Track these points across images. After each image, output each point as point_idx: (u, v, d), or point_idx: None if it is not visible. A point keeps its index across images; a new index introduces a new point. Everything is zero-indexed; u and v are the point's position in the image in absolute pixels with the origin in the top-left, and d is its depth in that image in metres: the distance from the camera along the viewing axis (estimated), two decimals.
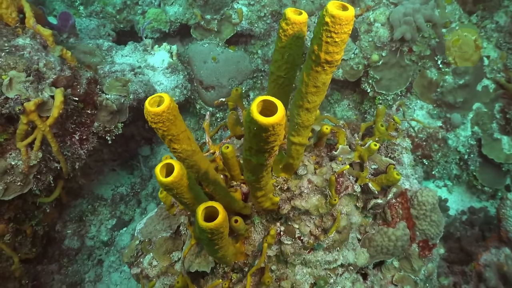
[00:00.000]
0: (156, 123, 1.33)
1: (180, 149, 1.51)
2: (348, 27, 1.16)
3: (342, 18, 1.12)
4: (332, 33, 1.16)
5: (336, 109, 3.59)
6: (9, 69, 2.44)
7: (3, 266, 2.91)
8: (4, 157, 2.54)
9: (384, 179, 2.01)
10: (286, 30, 1.44)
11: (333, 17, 1.12)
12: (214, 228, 1.34)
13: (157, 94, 1.35)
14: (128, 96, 3.01)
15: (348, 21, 1.14)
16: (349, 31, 1.18)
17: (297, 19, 1.42)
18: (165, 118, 1.34)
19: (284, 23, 1.43)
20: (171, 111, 1.33)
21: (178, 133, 1.44)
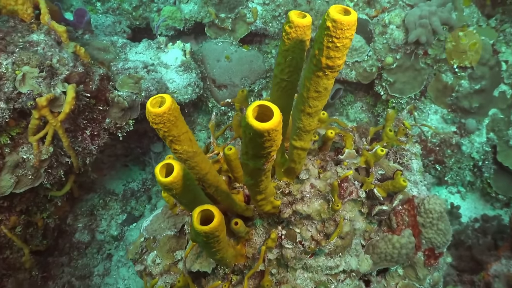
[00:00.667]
0: (157, 123, 1.34)
1: (181, 150, 1.51)
2: (350, 32, 1.14)
3: (344, 22, 1.09)
4: (333, 38, 1.14)
5: (349, 111, 3.55)
6: (23, 64, 2.48)
7: (14, 257, 2.97)
8: (16, 151, 2.58)
9: (390, 185, 1.98)
10: (289, 33, 1.42)
11: (334, 22, 1.10)
12: (209, 231, 1.34)
13: (159, 95, 1.35)
14: (140, 93, 3.03)
15: (350, 26, 1.12)
16: (351, 36, 1.16)
17: (300, 23, 1.39)
18: (166, 119, 1.34)
19: (287, 26, 1.41)
20: (172, 112, 1.33)
21: (179, 134, 1.44)
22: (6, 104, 2.40)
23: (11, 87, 2.43)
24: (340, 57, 1.21)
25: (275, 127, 1.13)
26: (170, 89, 3.24)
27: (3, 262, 2.90)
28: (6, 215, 2.84)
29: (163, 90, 3.16)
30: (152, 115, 1.31)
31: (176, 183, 1.37)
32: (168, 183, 1.36)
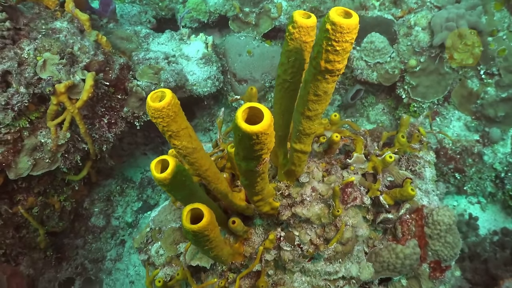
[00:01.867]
0: (156, 118, 1.34)
1: (180, 146, 1.51)
2: (350, 36, 1.10)
3: (343, 26, 1.06)
4: (332, 41, 1.11)
5: (369, 113, 3.48)
6: (44, 51, 2.54)
7: (30, 236, 3.06)
8: (35, 134, 2.65)
9: (398, 193, 1.93)
10: (293, 34, 1.39)
11: (333, 24, 1.07)
12: (197, 230, 1.34)
13: (160, 90, 1.35)
14: (159, 84, 3.06)
15: (350, 29, 1.08)
16: (351, 40, 1.12)
17: (304, 23, 1.36)
18: (164, 114, 1.34)
19: (291, 26, 1.38)
20: (172, 107, 1.33)
21: (178, 130, 1.44)
22: (26, 89, 2.46)
23: (32, 73, 2.49)
24: (340, 61, 1.18)
25: (264, 131, 1.11)
26: (190, 81, 3.25)
27: (19, 240, 3.00)
28: (24, 195, 2.92)
29: (183, 82, 3.18)
30: (152, 109, 1.31)
31: (170, 179, 1.37)
32: (162, 179, 1.36)
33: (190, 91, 3.30)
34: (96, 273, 3.34)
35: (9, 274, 2.49)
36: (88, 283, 3.29)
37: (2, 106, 2.41)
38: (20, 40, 2.52)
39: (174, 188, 1.45)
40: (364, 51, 3.10)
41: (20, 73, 2.44)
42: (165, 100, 1.30)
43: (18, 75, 2.43)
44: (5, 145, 2.55)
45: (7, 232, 2.89)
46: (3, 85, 2.41)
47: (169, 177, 1.35)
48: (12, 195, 2.88)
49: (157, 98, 1.34)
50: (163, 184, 1.38)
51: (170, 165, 1.35)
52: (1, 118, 2.44)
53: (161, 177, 1.34)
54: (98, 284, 3.29)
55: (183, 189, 1.50)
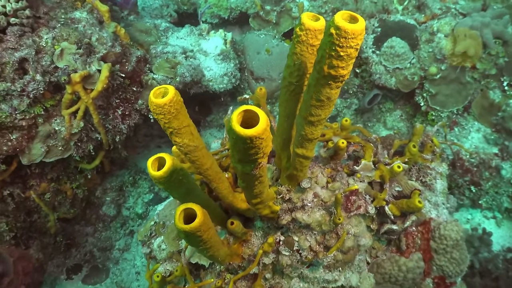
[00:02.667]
0: (158, 114, 1.34)
1: (181, 143, 1.50)
2: (355, 41, 1.07)
3: (348, 31, 1.03)
4: (336, 46, 1.08)
5: (387, 118, 3.41)
6: (62, 40, 2.56)
7: (41, 221, 3.11)
8: (49, 122, 2.69)
9: (405, 204, 1.88)
10: (300, 36, 1.35)
11: (338, 29, 1.04)
12: (189, 231, 1.33)
13: (163, 86, 1.35)
14: (174, 78, 3.06)
15: (356, 35, 1.05)
16: (356, 46, 1.08)
17: (312, 26, 1.32)
18: (166, 110, 1.33)
19: (298, 28, 1.34)
20: (174, 104, 1.33)
21: (180, 127, 1.43)
22: (42, 76, 2.49)
23: (49, 61, 2.52)
24: (344, 67, 1.14)
25: (259, 135, 1.09)
26: (206, 77, 3.25)
27: (30, 225, 3.05)
28: (37, 181, 2.97)
29: (199, 77, 3.17)
30: (153, 105, 1.31)
31: (166, 177, 1.36)
32: (158, 177, 1.35)
33: (206, 87, 3.29)
34: (104, 262, 3.37)
35: (16, 257, 2.53)
36: (95, 270, 3.33)
37: (18, 93, 2.45)
38: (39, 28, 2.55)
39: (171, 186, 1.45)
40: (383, 56, 3.04)
41: (37, 61, 2.48)
42: (167, 97, 1.30)
43: (35, 62, 2.47)
44: (20, 131, 2.60)
45: (19, 216, 2.94)
46: (20, 72, 2.45)
47: (165, 175, 1.34)
48: (25, 180, 2.93)
49: (160, 94, 1.34)
50: (159, 182, 1.37)
51: (167, 164, 1.34)
52: (16, 104, 2.47)
53: (157, 175, 1.33)
54: (104, 273, 3.32)
55: (179, 187, 1.49)
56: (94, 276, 3.29)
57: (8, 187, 2.83)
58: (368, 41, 3.11)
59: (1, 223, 2.79)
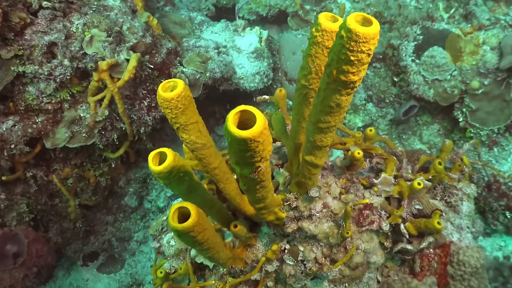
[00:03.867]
0: (165, 108, 1.31)
1: (188, 139, 1.46)
2: (367, 46, 0.97)
3: (359, 34, 0.94)
4: (346, 50, 0.99)
5: (423, 132, 3.23)
6: (93, 27, 2.57)
7: (62, 206, 3.14)
8: (75, 108, 2.70)
9: (423, 224, 1.75)
10: (315, 37, 1.26)
11: (349, 31, 0.95)
12: (181, 230, 1.27)
13: (173, 80, 1.31)
14: (204, 73, 3.01)
15: (367, 39, 0.96)
16: (368, 51, 0.99)
17: (328, 27, 1.23)
18: (173, 105, 1.30)
19: (314, 28, 1.26)
20: (181, 99, 1.29)
21: (187, 123, 1.39)
22: (70, 62, 2.50)
23: (78, 47, 2.53)
24: (355, 73, 1.05)
25: (254, 137, 1.02)
26: (238, 74, 3.18)
27: (51, 208, 3.08)
28: (61, 165, 2.99)
29: (230, 74, 3.11)
30: (160, 99, 1.29)
31: (166, 173, 1.31)
32: (158, 172, 1.30)
33: (237, 85, 3.23)
34: (121, 252, 3.38)
35: (31, 239, 2.56)
36: (111, 260, 3.33)
37: (45, 76, 2.47)
38: (71, 13, 2.56)
39: (171, 183, 1.39)
40: (423, 65, 2.88)
41: (66, 46, 2.49)
42: (175, 91, 1.26)
43: (64, 47, 2.48)
44: (46, 114, 2.62)
45: (40, 198, 2.98)
46: (48, 56, 2.47)
47: (164, 170, 1.29)
48: (49, 164, 2.96)
49: (169, 88, 1.30)
50: (159, 177, 1.33)
51: (167, 159, 1.29)
52: (43, 87, 2.49)
53: (156, 169, 1.28)
54: (120, 263, 3.32)
55: (180, 184, 1.43)
56: (110, 265, 3.30)
57: (32, 169, 2.86)
58: (408, 48, 2.95)
59: (22, 204, 2.82)
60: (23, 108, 2.57)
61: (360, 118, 3.39)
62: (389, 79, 3.24)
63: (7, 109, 2.58)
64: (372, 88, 3.32)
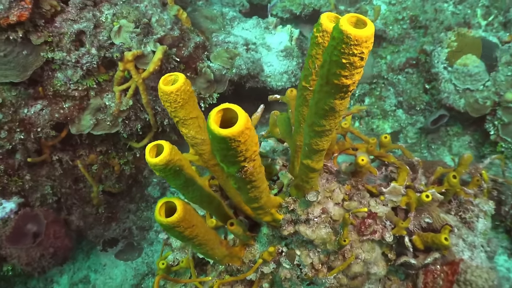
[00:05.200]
0: (164, 101, 1.33)
1: (187, 134, 1.46)
2: (359, 49, 0.94)
3: (350, 36, 0.90)
4: (338, 52, 0.96)
5: (453, 143, 3.09)
6: (122, 17, 2.61)
7: (86, 191, 3.22)
8: (101, 96, 2.76)
9: (430, 239, 1.68)
10: (316, 38, 1.23)
11: (340, 33, 0.92)
12: (166, 224, 1.27)
13: (174, 73, 1.31)
14: (230, 69, 3.01)
15: (359, 41, 0.92)
16: (361, 54, 0.95)
17: (329, 27, 1.20)
18: (172, 99, 1.30)
19: (316, 28, 1.22)
20: (180, 94, 1.30)
21: (186, 118, 1.39)
22: (97, 51, 2.55)
23: (106, 37, 2.58)
24: (347, 77, 1.02)
25: (234, 136, 1.00)
26: (265, 72, 3.16)
27: (75, 192, 3.17)
28: (87, 151, 3.08)
29: (257, 71, 3.09)
30: (160, 92, 1.30)
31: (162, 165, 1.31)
32: (153, 164, 1.30)
33: (264, 83, 3.20)
34: (140, 241, 3.43)
35: (50, 220, 2.64)
36: (129, 247, 3.40)
37: (73, 64, 2.54)
38: (101, 3, 2.61)
39: (167, 176, 1.39)
40: (455, 73, 2.75)
41: (94, 35, 2.54)
42: (175, 85, 1.28)
43: (92, 36, 2.53)
44: (72, 101, 2.69)
45: (65, 182, 3.07)
46: (76, 44, 2.53)
47: (160, 163, 1.28)
48: (76, 149, 3.05)
49: (170, 82, 1.31)
50: (155, 169, 1.33)
51: (164, 152, 1.29)
52: (70, 74, 2.56)
53: (152, 161, 1.28)
54: (138, 251, 3.38)
55: (176, 178, 1.43)
56: (128, 252, 3.37)
57: (58, 153, 2.95)
58: (441, 55, 2.83)
59: (46, 186, 2.91)
60: (51, 94, 2.65)
61: (389, 124, 3.29)
62: (421, 86, 3.12)
63: (37, 94, 2.67)
64: (403, 94, 3.22)
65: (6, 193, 2.70)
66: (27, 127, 2.64)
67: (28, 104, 2.64)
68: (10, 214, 2.63)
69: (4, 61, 2.46)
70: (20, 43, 2.43)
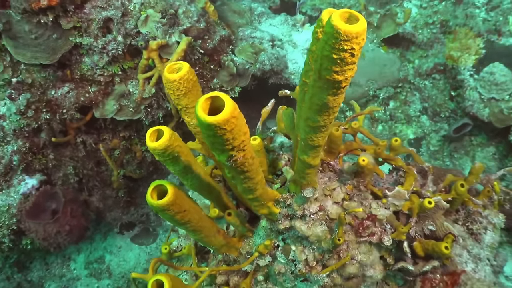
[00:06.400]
0: (168, 89, 1.37)
1: (190, 122, 1.50)
2: (349, 44, 0.94)
3: (340, 31, 0.91)
4: (328, 47, 0.97)
5: (476, 154, 3.01)
6: (149, 7, 2.67)
7: (107, 174, 3.32)
8: (125, 83, 2.84)
9: (430, 246, 1.65)
10: (316, 33, 1.24)
11: (331, 27, 0.93)
12: (156, 206, 1.29)
13: (180, 62, 1.34)
14: (254, 64, 3.03)
15: (349, 37, 0.93)
16: (352, 50, 0.96)
17: None
18: (175, 87, 1.34)
19: (316, 24, 1.23)
20: (183, 82, 1.34)
21: (189, 106, 1.43)
22: (123, 38, 2.63)
23: (133, 25, 2.65)
24: (338, 72, 1.02)
25: (219, 124, 1.03)
26: (289, 69, 3.16)
27: (97, 175, 3.27)
28: (110, 136, 3.17)
29: (281, 68, 3.10)
30: (164, 79, 1.34)
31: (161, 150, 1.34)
32: (152, 148, 1.34)
33: (287, 80, 3.21)
34: (156, 226, 3.51)
35: (68, 199, 2.73)
36: (145, 232, 3.48)
37: (99, 49, 2.62)
38: None
39: (166, 161, 1.42)
40: (480, 82, 2.68)
41: (121, 23, 2.61)
42: (178, 74, 1.32)
43: (119, 24, 2.61)
44: (98, 86, 2.78)
45: (88, 164, 3.17)
46: (104, 31, 2.61)
47: (159, 148, 1.31)
48: (100, 133, 3.14)
49: (175, 70, 1.34)
50: (154, 153, 1.36)
51: (163, 137, 1.32)
52: (96, 60, 2.65)
53: (151, 145, 1.32)
54: (153, 237, 3.46)
55: (175, 164, 1.46)
56: (143, 237, 3.45)
57: (83, 135, 3.05)
58: (468, 62, 2.76)
59: (69, 166, 3.02)
60: (78, 77, 2.75)
61: (412, 130, 3.23)
62: (447, 93, 3.05)
63: (65, 76, 2.77)
64: (428, 100, 3.15)
65: (29, 170, 2.82)
66: (53, 108, 2.74)
67: (56, 86, 2.74)
68: (31, 190, 2.75)
69: (35, 43, 2.57)
70: (50, 27, 2.53)
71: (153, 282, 1.35)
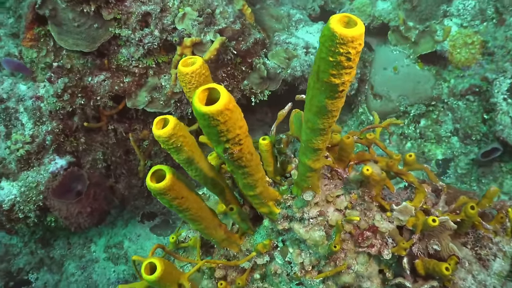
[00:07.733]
0: (181, 81, 1.42)
1: None
2: (345, 48, 0.96)
3: (336, 34, 0.93)
4: (325, 49, 0.99)
5: (505, 180, 2.90)
6: (187, 5, 2.75)
7: (135, 163, 3.43)
8: (158, 76, 2.93)
9: (431, 266, 1.62)
10: None
11: (328, 30, 0.95)
12: (154, 189, 1.33)
13: (194, 57, 1.40)
14: (285, 69, 3.06)
15: (345, 41, 0.95)
16: (347, 54, 0.98)
17: None
18: (187, 80, 1.40)
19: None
20: (195, 76, 1.39)
21: None
22: (160, 33, 2.72)
23: (170, 21, 2.74)
24: (335, 75, 1.04)
25: (213, 114, 1.07)
26: None
27: (124, 163, 3.38)
28: (141, 126, 3.28)
29: None
30: (179, 72, 1.39)
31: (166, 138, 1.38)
32: (156, 136, 1.39)
33: None
34: (176, 220, 3.58)
35: (92, 182, 2.84)
36: (165, 224, 3.56)
37: (136, 42, 2.72)
38: None
39: (170, 149, 1.47)
40: None
41: (159, 18, 2.71)
42: (190, 67, 1.37)
43: (157, 19, 2.70)
44: (132, 76, 2.89)
45: (117, 151, 3.29)
46: (142, 24, 2.71)
47: (163, 135, 1.36)
48: (131, 123, 3.25)
49: (190, 64, 1.39)
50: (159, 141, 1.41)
51: (169, 125, 1.37)
52: (132, 51, 2.75)
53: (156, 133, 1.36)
54: (172, 229, 3.53)
55: (179, 153, 1.50)
56: (162, 228, 3.53)
57: (115, 123, 3.17)
58: (503, 85, 2.67)
59: (98, 152, 3.14)
60: (115, 67, 2.86)
61: (442, 150, 3.16)
62: (480, 115, 2.96)
63: (102, 65, 2.89)
64: (460, 121, 3.07)
65: (60, 151, 2.96)
66: (88, 94, 2.87)
67: (93, 73, 2.87)
68: (60, 170, 2.88)
69: (77, 31, 2.70)
70: (92, 17, 2.65)
71: (146, 264, 1.40)
